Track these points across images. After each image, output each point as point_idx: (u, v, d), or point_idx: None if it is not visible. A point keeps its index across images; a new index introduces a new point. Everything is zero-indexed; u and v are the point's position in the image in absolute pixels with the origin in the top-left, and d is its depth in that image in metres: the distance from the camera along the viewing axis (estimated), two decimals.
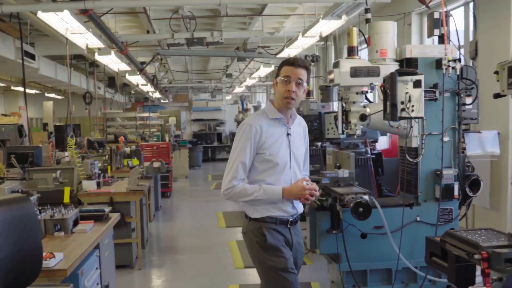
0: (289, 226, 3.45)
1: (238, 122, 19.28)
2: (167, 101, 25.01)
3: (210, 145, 24.99)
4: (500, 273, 2.36)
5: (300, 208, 3.55)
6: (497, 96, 2.58)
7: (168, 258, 7.76)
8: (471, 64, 5.99)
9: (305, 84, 3.38)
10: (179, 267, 7.30)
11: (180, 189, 15.13)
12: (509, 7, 5.83)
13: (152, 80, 16.13)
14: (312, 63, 11.71)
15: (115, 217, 5.12)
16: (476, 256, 2.42)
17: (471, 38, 6.75)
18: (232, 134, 22.36)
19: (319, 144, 8.47)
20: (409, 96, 4.47)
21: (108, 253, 4.91)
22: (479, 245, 2.52)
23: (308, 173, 3.73)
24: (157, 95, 21.17)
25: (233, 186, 3.37)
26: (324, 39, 11.89)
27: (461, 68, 4.88)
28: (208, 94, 25.54)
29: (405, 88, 4.52)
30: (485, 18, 6.31)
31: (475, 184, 4.96)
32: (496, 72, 2.56)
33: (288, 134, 3.43)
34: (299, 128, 3.58)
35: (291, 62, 3.38)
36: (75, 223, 4.55)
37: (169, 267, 7.32)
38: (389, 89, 4.56)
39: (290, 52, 10.92)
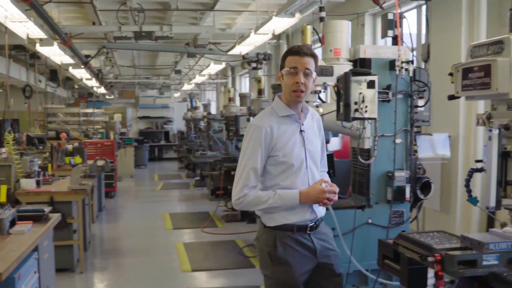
0: (308, 232, 3.23)
1: (187, 120, 19.16)
2: (112, 97, 24.55)
3: (157, 143, 24.69)
4: (453, 275, 2.41)
5: (321, 211, 3.29)
6: (451, 97, 2.63)
7: (111, 261, 7.60)
8: (423, 67, 6.11)
9: (313, 73, 3.13)
10: (123, 271, 7.17)
11: (125, 189, 14.89)
12: (461, 10, 5.98)
13: (97, 74, 15.81)
14: (264, 62, 11.84)
15: (55, 217, 4.98)
16: (430, 259, 2.46)
17: (423, 41, 6.90)
18: (181, 133, 22.19)
19: None
20: (363, 97, 4.54)
21: (47, 255, 4.77)
22: (432, 248, 2.56)
23: (326, 169, 3.51)
24: (102, 90, 20.76)
25: (245, 195, 3.17)
26: (277, 37, 11.92)
27: (414, 70, 4.99)
28: (156, 90, 25.24)
29: (359, 89, 4.58)
30: (437, 21, 6.46)
31: (426, 187, 5.07)
32: (451, 74, 2.60)
33: (301, 131, 3.22)
34: (313, 121, 3.35)
35: (295, 51, 3.12)
36: (12, 223, 4.39)
37: (112, 271, 7.17)
38: (342, 89, 4.60)
39: (241, 49, 10.94)
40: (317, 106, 5.51)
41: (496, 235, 2.53)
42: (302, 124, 3.23)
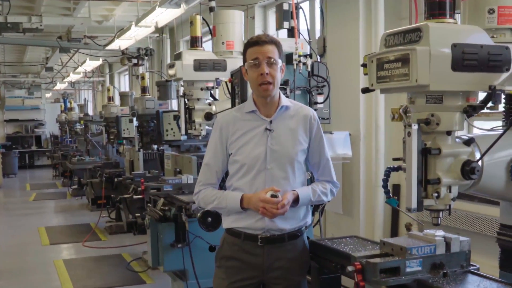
0: (260, 244, 3.03)
1: (61, 123, 18.59)
2: None
3: (28, 149, 23.74)
4: (375, 285, 2.32)
5: (280, 224, 3.01)
6: (365, 91, 2.54)
7: None
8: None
9: (279, 61, 3.01)
10: None
11: None
12: (358, 4, 6.06)
13: None
14: (146, 57, 11.58)
15: None
16: (349, 268, 2.37)
17: (317, 34, 6.94)
18: (55, 137, 21.33)
19: (155, 147, 8.34)
20: None
21: None
22: (350, 256, 2.46)
23: (329, 178, 3.20)
24: None
25: (199, 192, 3.19)
26: (159, 30, 11.76)
27: (312, 64, 4.93)
28: (24, 90, 24.21)
29: None
30: (333, 14, 6.52)
31: None
32: (364, 65, 2.52)
33: (267, 129, 3.05)
34: (296, 119, 3.11)
35: (254, 41, 3.02)
36: None
37: None
38: (238, 85, 4.49)
39: (121, 44, 10.71)
40: (209, 104, 5.39)
41: (417, 238, 2.48)
42: (270, 122, 3.06)
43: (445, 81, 2.22)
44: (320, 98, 5.02)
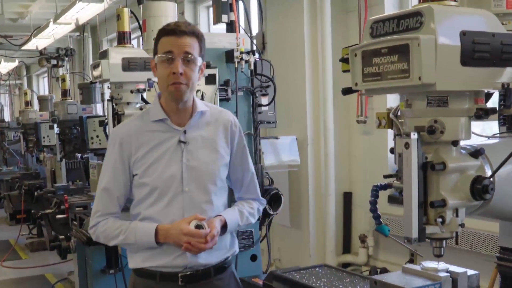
0: (181, 283, 2.51)
1: None
2: None
3: None
4: None
5: (206, 257, 2.52)
6: (347, 91, 2.06)
7: None
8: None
9: (198, 59, 2.47)
10: None
11: None
12: None
13: None
14: (66, 58, 11.02)
15: None
16: None
17: (256, 29, 6.57)
18: None
19: (79, 155, 7.90)
20: (202, 94, 4.14)
21: None
22: None
23: (255, 196, 2.76)
24: None
25: (97, 224, 2.56)
26: (80, 29, 11.45)
27: (255, 62, 4.59)
28: None
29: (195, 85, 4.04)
30: (273, 6, 6.20)
31: (275, 200, 4.67)
32: (344, 60, 2.05)
33: (180, 142, 2.52)
34: (214, 127, 2.62)
35: (170, 29, 2.46)
36: None
37: None
38: None
39: (38, 43, 10.44)
40: (141, 108, 4.95)
41: (415, 274, 2.01)
42: (185, 132, 2.54)
43: (453, 79, 1.75)
44: (264, 100, 4.72)
